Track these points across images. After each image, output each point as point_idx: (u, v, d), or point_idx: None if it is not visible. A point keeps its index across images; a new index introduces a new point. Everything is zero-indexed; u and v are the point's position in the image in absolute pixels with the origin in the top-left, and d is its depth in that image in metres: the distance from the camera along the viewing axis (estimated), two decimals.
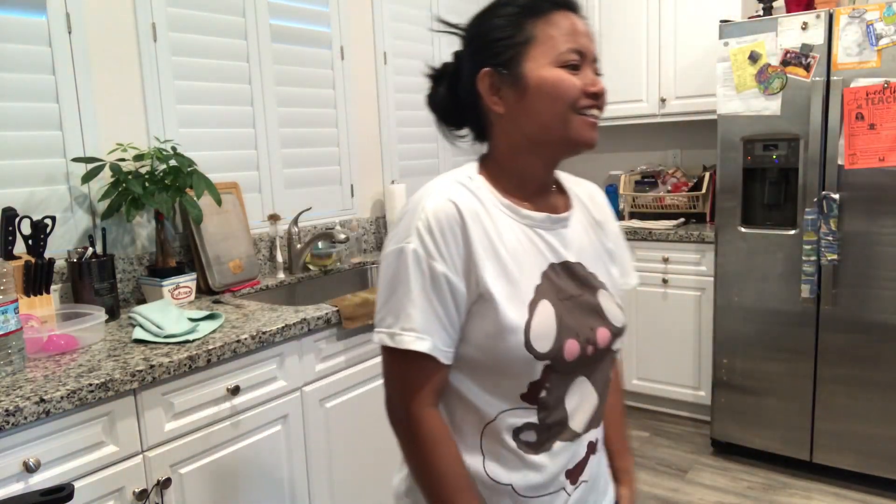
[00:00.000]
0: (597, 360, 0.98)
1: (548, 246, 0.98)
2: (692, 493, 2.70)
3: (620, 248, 1.12)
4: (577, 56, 0.93)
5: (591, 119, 0.94)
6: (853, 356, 2.60)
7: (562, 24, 0.93)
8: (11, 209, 1.74)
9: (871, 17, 2.41)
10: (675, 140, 3.76)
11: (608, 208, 1.13)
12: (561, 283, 0.97)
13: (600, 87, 0.95)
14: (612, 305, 1.01)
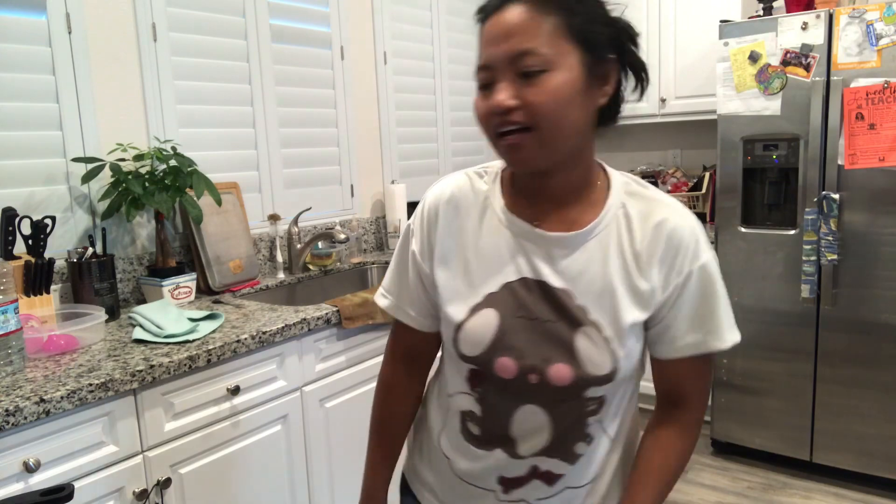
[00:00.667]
0: (557, 396, 0.90)
1: (527, 260, 0.91)
2: (692, 493, 2.70)
3: (688, 303, 0.90)
4: (484, 73, 0.85)
5: (509, 141, 0.84)
6: (853, 356, 2.60)
7: (481, 37, 0.86)
8: (11, 209, 1.74)
9: (871, 17, 2.41)
10: (675, 140, 3.76)
11: (684, 249, 0.89)
12: (528, 301, 0.90)
13: (495, 102, 0.82)
14: (594, 348, 0.87)
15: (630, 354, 0.89)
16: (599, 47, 0.85)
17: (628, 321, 0.88)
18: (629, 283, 0.89)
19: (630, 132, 3.90)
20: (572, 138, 0.85)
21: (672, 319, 0.91)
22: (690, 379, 0.96)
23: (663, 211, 0.90)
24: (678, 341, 0.92)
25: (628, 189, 0.93)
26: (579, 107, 0.84)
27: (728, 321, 0.92)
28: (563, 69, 0.81)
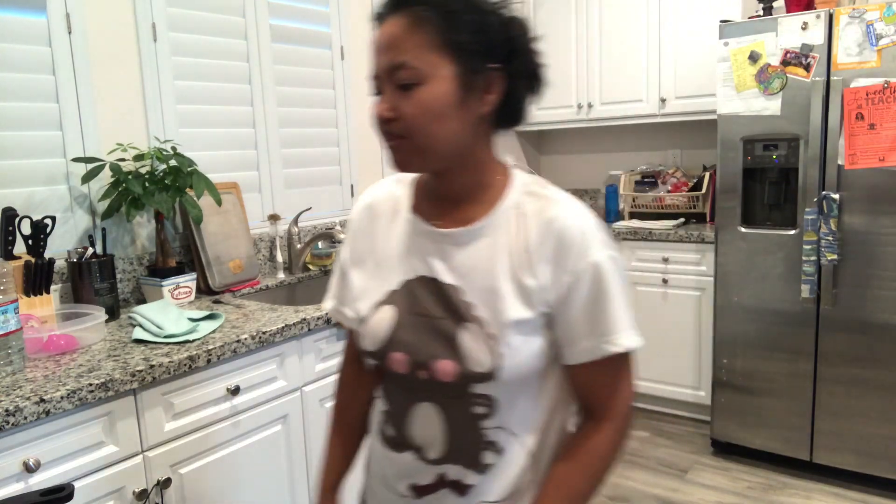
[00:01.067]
0: (445, 392, 0.91)
1: (423, 257, 0.93)
2: (692, 493, 2.70)
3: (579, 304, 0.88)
4: (374, 81, 0.87)
5: (390, 146, 0.88)
6: (853, 356, 2.60)
7: (372, 44, 0.88)
8: (11, 209, 1.74)
9: (871, 17, 2.41)
10: (675, 140, 3.76)
11: (575, 247, 0.88)
12: (422, 298, 0.92)
13: (376, 112, 0.86)
14: (476, 344, 0.87)
15: (515, 353, 0.87)
16: (477, 58, 0.85)
17: (511, 318, 0.88)
18: (517, 280, 0.89)
19: (630, 132, 3.90)
20: (449, 145, 0.87)
21: (566, 321, 0.90)
22: (598, 385, 0.93)
23: (555, 209, 0.90)
24: (574, 346, 0.90)
25: (528, 189, 0.93)
26: (454, 117, 0.85)
27: (623, 323, 0.90)
28: (434, 82, 0.83)
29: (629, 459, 2.99)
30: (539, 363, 0.91)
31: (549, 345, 0.91)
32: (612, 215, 3.72)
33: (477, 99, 0.87)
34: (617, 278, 0.90)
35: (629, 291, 0.94)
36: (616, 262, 0.91)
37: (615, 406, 0.93)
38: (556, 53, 3.73)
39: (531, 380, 0.92)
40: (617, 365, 0.92)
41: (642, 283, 3.32)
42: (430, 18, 0.83)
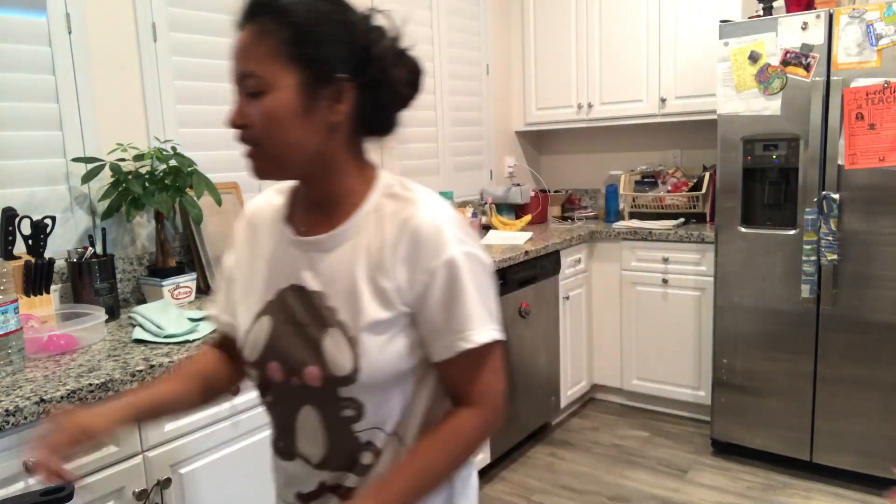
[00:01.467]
0: (317, 397, 0.92)
1: (293, 266, 0.95)
2: (692, 493, 2.70)
3: (435, 302, 0.89)
4: (233, 87, 0.88)
5: (246, 153, 0.89)
6: (853, 356, 2.60)
7: None
8: (11, 209, 1.74)
9: (871, 17, 2.41)
10: (675, 140, 3.76)
11: (428, 245, 0.88)
12: (294, 307, 0.94)
13: (228, 119, 0.88)
14: (339, 348, 0.89)
15: (375, 355, 0.88)
16: (324, 68, 0.86)
17: (368, 320, 0.89)
18: (374, 282, 0.90)
19: (630, 132, 3.90)
20: (298, 153, 0.88)
21: (424, 320, 0.90)
22: (461, 381, 0.94)
23: (411, 209, 0.90)
24: (434, 344, 0.91)
25: (389, 191, 0.94)
26: (298, 125, 0.86)
27: (479, 319, 0.90)
28: (278, 91, 0.85)
29: (629, 459, 2.99)
30: (405, 363, 0.91)
31: (416, 344, 0.92)
32: (612, 215, 3.72)
33: (325, 108, 0.87)
34: (472, 274, 0.90)
35: (491, 286, 0.94)
36: (473, 259, 0.90)
37: (481, 398, 0.94)
38: (556, 53, 3.74)
39: (402, 379, 0.92)
40: (478, 360, 0.92)
41: (642, 283, 3.32)
42: (275, 29, 0.85)
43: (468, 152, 3.65)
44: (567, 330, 3.29)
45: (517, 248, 2.94)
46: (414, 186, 0.96)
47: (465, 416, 0.94)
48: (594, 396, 3.71)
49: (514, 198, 3.63)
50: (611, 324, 3.48)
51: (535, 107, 3.88)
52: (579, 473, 2.89)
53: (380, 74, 0.90)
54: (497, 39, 3.81)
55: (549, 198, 3.94)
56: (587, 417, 3.47)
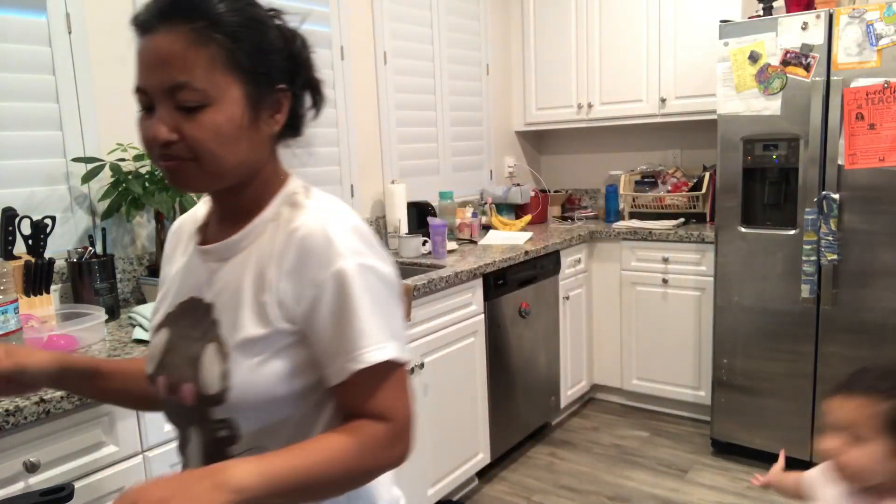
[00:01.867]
0: (193, 417, 0.86)
1: (196, 277, 0.91)
2: (692, 493, 2.70)
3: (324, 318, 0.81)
4: (141, 96, 0.80)
5: (169, 166, 0.80)
6: (853, 356, 2.59)
7: (137, 54, 0.80)
8: (11, 209, 1.74)
9: (871, 16, 2.41)
10: (675, 140, 3.76)
11: (316, 257, 0.81)
12: (189, 319, 0.89)
13: (153, 134, 0.78)
14: (212, 366, 0.83)
15: (246, 375, 0.81)
16: (266, 79, 0.82)
17: (241, 337, 0.82)
18: (256, 295, 0.83)
19: (630, 132, 3.90)
20: (238, 167, 0.83)
21: (315, 340, 0.82)
22: (359, 405, 0.83)
23: (302, 217, 0.84)
24: (328, 366, 0.82)
25: (290, 199, 0.88)
26: (244, 139, 0.82)
27: (372, 336, 0.81)
28: (223, 104, 0.79)
29: (629, 459, 2.99)
30: (284, 387, 0.83)
31: (303, 367, 0.83)
32: (612, 215, 3.72)
33: (266, 118, 0.84)
34: (367, 288, 0.81)
35: (392, 301, 0.85)
36: (368, 271, 0.82)
37: (382, 417, 0.83)
38: (556, 53, 3.74)
39: (287, 403, 0.84)
40: (373, 380, 0.82)
41: (642, 283, 3.32)
42: (214, 37, 0.78)
43: (468, 152, 3.65)
44: (567, 330, 3.29)
45: (517, 248, 2.94)
46: (318, 194, 0.90)
47: (369, 425, 0.82)
48: (594, 396, 3.71)
49: (514, 198, 3.63)
50: (611, 324, 3.48)
51: (535, 107, 3.88)
52: (579, 473, 2.89)
53: (306, 80, 0.89)
54: (497, 39, 3.81)
55: (549, 198, 3.94)
56: (587, 417, 3.47)
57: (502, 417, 2.84)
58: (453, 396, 2.53)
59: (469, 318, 2.58)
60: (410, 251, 2.81)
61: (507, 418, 2.88)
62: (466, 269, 2.50)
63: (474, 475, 2.79)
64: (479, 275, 2.59)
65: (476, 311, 2.62)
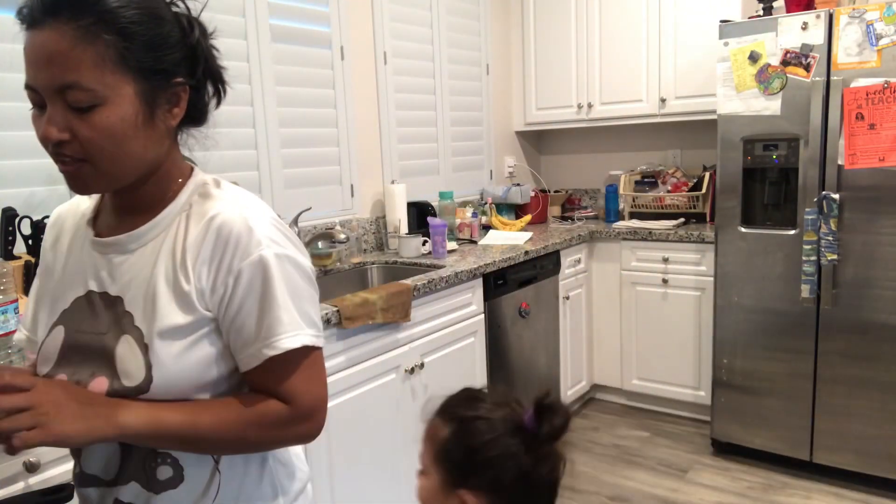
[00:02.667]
0: None
1: (94, 270, 0.88)
2: (692, 493, 2.70)
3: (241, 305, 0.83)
4: (31, 94, 0.78)
5: (65, 169, 0.78)
6: (853, 356, 2.60)
7: (24, 49, 0.79)
8: (11, 209, 1.74)
9: (871, 17, 2.41)
10: (675, 140, 3.76)
11: (233, 244, 0.83)
12: (89, 314, 0.86)
13: (45, 134, 0.76)
14: (130, 358, 0.82)
15: (171, 364, 0.82)
16: (162, 74, 0.80)
17: (164, 326, 0.82)
18: (175, 284, 0.83)
19: (630, 132, 3.90)
20: (135, 165, 0.82)
21: (230, 327, 0.84)
22: (272, 387, 0.86)
23: (217, 206, 0.85)
24: (242, 352, 0.85)
25: (202, 191, 0.88)
26: (140, 136, 0.80)
27: (287, 324, 0.83)
28: (115, 103, 0.76)
29: (629, 459, 2.99)
30: (210, 373, 0.85)
31: (224, 352, 0.86)
32: (612, 215, 3.72)
33: (164, 113, 0.83)
34: (284, 277, 0.84)
35: (309, 290, 0.88)
36: (285, 260, 0.85)
37: (293, 399, 0.87)
38: (556, 53, 3.74)
39: (208, 390, 0.86)
40: (287, 366, 0.85)
41: (642, 283, 3.32)
42: (101, 34, 0.74)
43: (468, 152, 3.65)
44: (567, 330, 3.29)
45: (517, 248, 2.94)
46: (229, 185, 0.90)
47: (273, 404, 0.86)
48: (594, 396, 3.71)
49: (514, 198, 3.63)
50: (611, 324, 3.48)
51: (535, 107, 3.88)
52: (579, 473, 2.89)
53: (207, 71, 0.87)
54: (497, 39, 3.81)
55: (549, 198, 3.94)
56: (587, 417, 3.47)
57: None
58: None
59: (469, 318, 2.58)
60: (410, 251, 2.81)
61: None
62: (466, 269, 2.51)
63: None
64: (479, 275, 2.59)
65: (476, 311, 2.62)
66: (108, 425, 0.78)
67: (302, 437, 0.90)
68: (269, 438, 0.88)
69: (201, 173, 0.92)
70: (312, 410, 0.89)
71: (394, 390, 2.23)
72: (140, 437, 0.81)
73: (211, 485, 0.89)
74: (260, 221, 0.84)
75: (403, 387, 2.27)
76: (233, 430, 0.84)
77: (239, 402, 0.86)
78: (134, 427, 0.80)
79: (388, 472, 2.21)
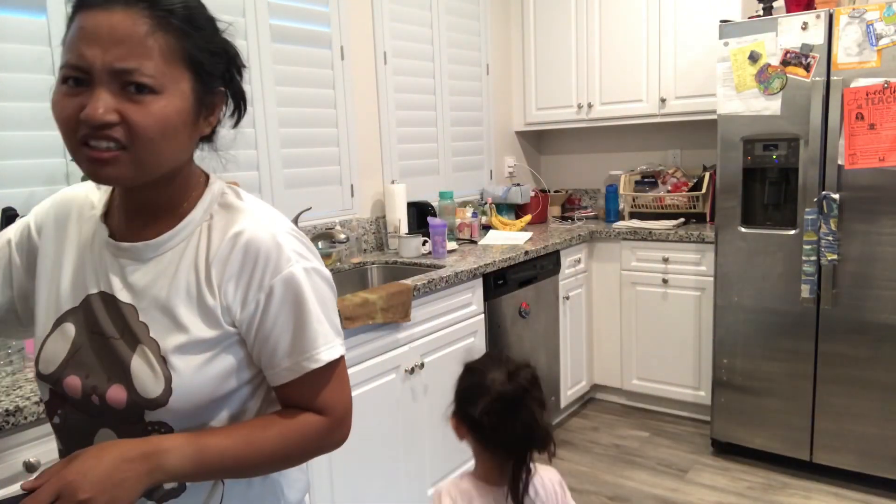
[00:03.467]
0: (120, 419, 0.83)
1: (104, 272, 0.86)
2: (692, 493, 2.70)
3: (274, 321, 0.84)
4: (75, 73, 0.75)
5: (96, 155, 0.74)
6: (853, 356, 2.60)
7: (74, 29, 0.78)
8: (11, 209, 1.74)
9: (871, 16, 2.41)
10: (675, 140, 3.76)
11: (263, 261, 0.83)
12: (100, 317, 0.84)
13: (91, 113, 0.72)
14: (147, 369, 0.81)
15: (190, 377, 0.81)
16: (212, 77, 0.82)
17: (186, 339, 0.82)
18: (199, 298, 0.83)
19: (630, 132, 3.90)
20: (168, 162, 0.81)
21: (262, 342, 0.84)
22: (309, 398, 0.88)
23: (242, 222, 0.84)
24: (275, 367, 0.85)
25: (222, 201, 0.88)
26: (184, 135, 0.80)
27: (322, 337, 0.85)
28: (173, 95, 0.77)
29: (629, 459, 2.99)
30: (226, 386, 0.85)
31: (241, 365, 0.86)
32: (612, 215, 3.72)
33: (203, 119, 0.83)
34: (315, 291, 0.85)
35: (333, 300, 0.89)
36: (314, 274, 0.86)
37: (327, 410, 0.89)
38: (556, 53, 3.74)
39: (220, 402, 0.85)
40: (324, 376, 0.88)
41: (642, 283, 3.32)
42: (175, 24, 0.76)
43: (468, 152, 3.65)
44: (567, 330, 3.29)
45: (517, 248, 2.94)
46: (248, 196, 0.90)
47: (310, 417, 0.88)
48: (594, 396, 3.71)
49: (514, 198, 3.63)
50: (611, 324, 3.48)
51: (535, 107, 3.88)
52: (579, 473, 2.89)
53: (237, 89, 0.88)
54: (497, 39, 3.81)
55: (549, 198, 3.94)
56: (587, 417, 3.47)
57: None
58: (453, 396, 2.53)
59: (469, 318, 2.58)
60: (410, 251, 2.81)
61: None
62: (466, 269, 2.51)
63: None
64: (479, 275, 2.59)
65: (476, 311, 2.62)
66: (150, 478, 0.76)
67: (335, 445, 0.91)
68: (310, 451, 0.89)
69: (218, 181, 0.92)
70: (344, 417, 0.91)
71: (394, 390, 2.23)
72: (186, 477, 0.79)
73: (213, 495, 0.88)
74: (286, 236, 0.85)
75: (403, 387, 2.27)
76: (278, 451, 0.85)
77: (279, 422, 0.86)
78: (184, 470, 0.78)
79: (388, 472, 2.21)
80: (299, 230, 0.89)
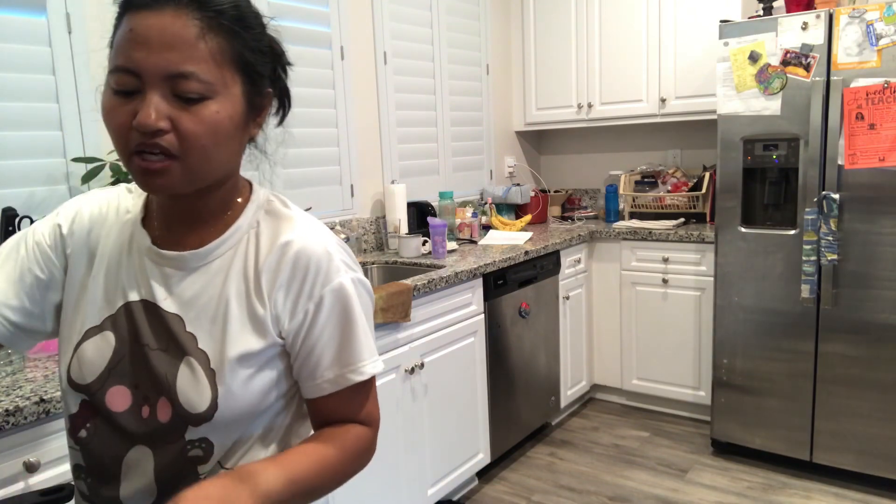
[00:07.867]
0: (161, 434, 0.80)
1: (145, 280, 0.82)
2: (692, 493, 2.70)
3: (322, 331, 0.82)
4: (125, 77, 0.73)
5: (147, 164, 0.72)
6: (853, 356, 2.60)
7: (122, 31, 0.75)
8: (11, 209, 1.74)
9: (871, 17, 2.41)
10: (675, 140, 3.76)
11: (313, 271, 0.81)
12: (143, 326, 0.81)
13: (143, 120, 0.70)
14: (193, 382, 0.78)
15: (238, 391, 0.79)
16: (262, 79, 0.80)
17: (237, 351, 0.79)
18: (248, 308, 0.81)
19: (630, 132, 3.90)
20: (220, 169, 0.78)
21: (307, 352, 0.82)
22: (342, 414, 0.87)
23: (292, 231, 0.82)
24: (316, 378, 0.83)
25: (268, 208, 0.86)
26: (234, 140, 0.78)
27: (368, 350, 0.85)
28: (225, 100, 0.74)
29: (629, 459, 2.99)
30: (267, 399, 0.83)
31: (280, 377, 0.84)
32: (612, 215, 3.72)
33: (252, 121, 0.81)
34: (362, 303, 0.84)
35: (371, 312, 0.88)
36: (361, 286, 0.85)
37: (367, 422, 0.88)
38: (556, 53, 3.74)
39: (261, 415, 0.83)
40: (364, 390, 0.87)
41: (642, 283, 3.32)
42: (226, 28, 0.74)
43: (468, 152, 3.65)
44: (567, 330, 3.29)
45: (517, 248, 2.94)
46: (290, 204, 0.89)
47: (360, 430, 0.87)
48: (594, 396, 3.71)
49: (514, 198, 3.63)
50: (611, 324, 3.48)
51: (535, 107, 3.88)
52: (579, 473, 2.89)
53: (282, 88, 0.86)
54: (497, 39, 3.81)
55: (549, 198, 3.94)
56: (587, 417, 3.47)
57: (502, 417, 2.84)
58: (453, 396, 2.53)
59: (469, 318, 2.58)
60: (410, 251, 2.81)
61: (507, 418, 2.88)
62: (466, 269, 2.51)
63: (474, 475, 2.79)
64: (479, 275, 2.59)
65: (476, 311, 2.62)
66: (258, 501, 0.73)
67: (369, 461, 0.90)
68: (362, 464, 0.88)
69: (261, 188, 0.89)
70: (377, 433, 0.90)
71: (394, 390, 2.23)
72: (282, 498, 0.76)
73: None
74: (336, 247, 0.84)
75: (403, 387, 2.27)
76: (341, 468, 0.84)
77: (336, 438, 0.85)
78: (277, 491, 0.75)
79: (388, 472, 2.21)
80: (342, 241, 0.88)
